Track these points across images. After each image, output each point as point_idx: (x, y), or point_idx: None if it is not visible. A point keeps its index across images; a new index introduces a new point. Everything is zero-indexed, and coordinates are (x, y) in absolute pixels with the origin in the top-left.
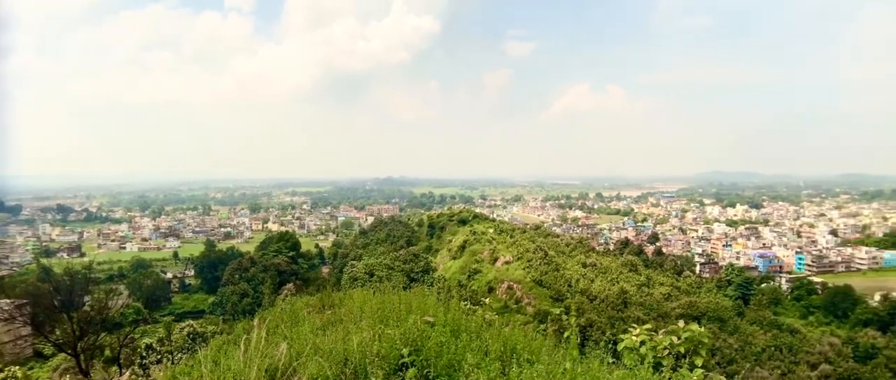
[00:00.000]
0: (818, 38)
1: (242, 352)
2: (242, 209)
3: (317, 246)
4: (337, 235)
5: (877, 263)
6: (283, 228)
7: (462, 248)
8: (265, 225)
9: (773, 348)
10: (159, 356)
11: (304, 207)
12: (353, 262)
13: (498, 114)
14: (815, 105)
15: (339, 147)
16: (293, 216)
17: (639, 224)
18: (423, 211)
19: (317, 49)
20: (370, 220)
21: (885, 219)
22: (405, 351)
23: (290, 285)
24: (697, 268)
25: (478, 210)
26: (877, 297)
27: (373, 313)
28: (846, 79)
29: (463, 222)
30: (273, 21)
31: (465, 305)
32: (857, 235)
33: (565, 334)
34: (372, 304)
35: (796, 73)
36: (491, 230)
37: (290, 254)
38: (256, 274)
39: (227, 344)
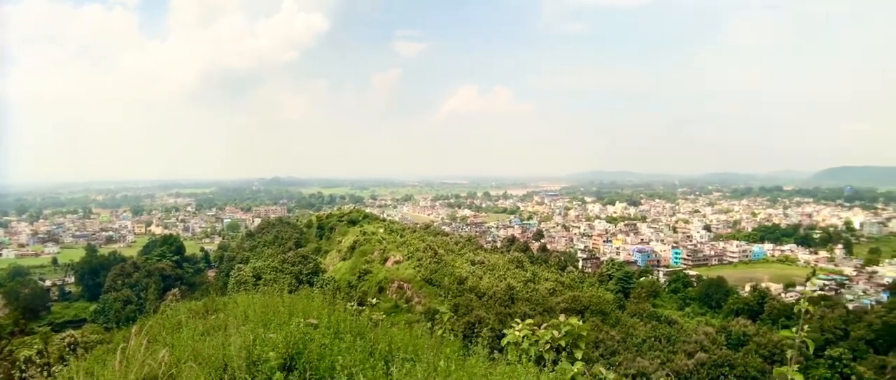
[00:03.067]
0: (692, 45)
1: (119, 361)
2: (125, 212)
3: (202, 249)
4: (223, 238)
5: (746, 256)
6: (167, 231)
7: (352, 249)
8: (148, 228)
9: (652, 339)
10: (39, 369)
11: (189, 208)
12: (240, 265)
13: (388, 114)
14: (688, 108)
15: (225, 147)
16: (177, 219)
17: (525, 222)
18: (311, 212)
19: (204, 46)
20: (257, 221)
21: (754, 215)
22: (286, 354)
23: (175, 291)
24: (580, 263)
25: (368, 210)
26: (747, 288)
27: (256, 317)
28: (716, 84)
29: (353, 223)
30: (159, 16)
31: (352, 306)
32: (729, 230)
33: (438, 332)
34: (256, 307)
35: (671, 77)
36: (381, 230)
37: (175, 258)
38: (140, 280)
39: (106, 353)
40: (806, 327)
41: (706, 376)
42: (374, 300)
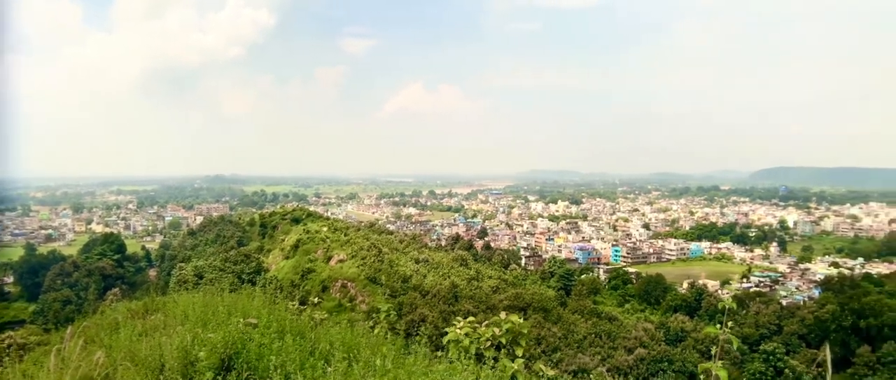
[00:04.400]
0: (637, 47)
1: (53, 363)
2: (65, 209)
3: (143, 248)
4: (164, 236)
5: (684, 253)
6: (107, 230)
7: (295, 247)
8: (89, 226)
9: (593, 335)
10: None
11: (130, 206)
12: (182, 264)
13: (333, 111)
14: (631, 108)
15: (168, 144)
16: (119, 216)
17: (469, 220)
18: (254, 210)
19: (148, 40)
20: (199, 220)
21: (692, 213)
22: (224, 354)
23: (115, 290)
24: (523, 261)
25: (312, 208)
26: (685, 284)
27: (196, 317)
28: (659, 85)
29: (296, 221)
30: (105, 8)
31: (294, 305)
32: (667, 229)
33: (377, 330)
34: (196, 307)
35: (616, 78)
36: (325, 229)
37: (116, 257)
38: (80, 279)
39: (43, 355)
40: (730, 323)
41: (645, 372)
42: (316, 299)
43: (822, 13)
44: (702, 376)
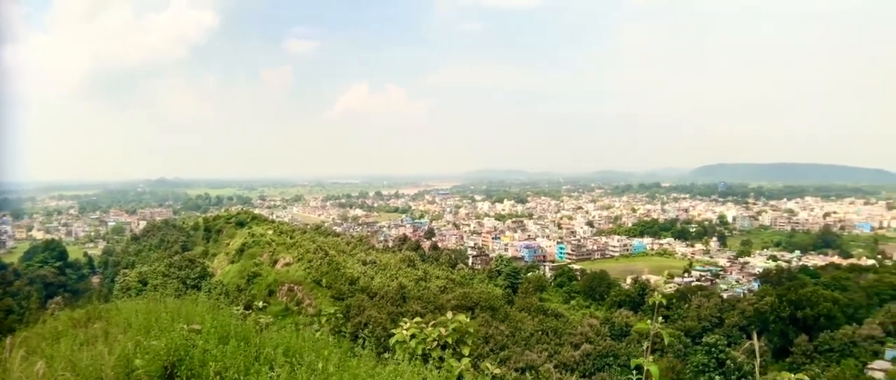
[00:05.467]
0: (580, 47)
1: None
2: (4, 216)
3: (86, 254)
4: (107, 242)
5: (627, 249)
6: (49, 236)
7: (240, 251)
8: (29, 233)
9: (540, 332)
10: None
11: (72, 211)
12: (125, 270)
13: (278, 113)
14: (575, 107)
15: (110, 147)
16: (60, 222)
17: (416, 221)
18: (198, 214)
19: (89, 41)
20: (143, 224)
21: (634, 210)
22: (167, 361)
23: (58, 299)
24: (470, 260)
25: (257, 211)
26: (628, 280)
27: (139, 325)
28: (601, 85)
29: (241, 224)
30: (44, 7)
31: (238, 309)
32: (611, 226)
33: (317, 334)
34: (139, 314)
35: (561, 78)
36: (270, 232)
37: (58, 264)
38: (21, 288)
39: None
40: (660, 318)
41: (592, 367)
42: (262, 304)
43: (761, 15)
44: (634, 372)
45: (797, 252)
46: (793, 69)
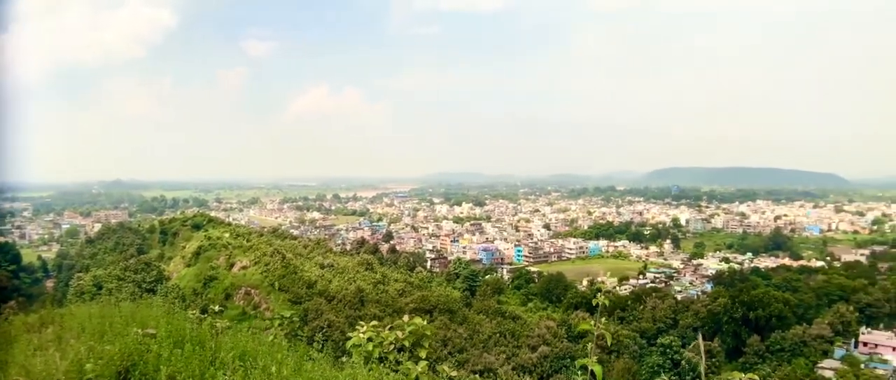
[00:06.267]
0: (538, 52)
1: None
2: None
3: (40, 258)
4: (62, 245)
5: (583, 252)
6: (2, 239)
7: (197, 254)
8: None
9: (498, 335)
10: None
11: (26, 214)
12: (80, 274)
13: (235, 114)
14: (532, 111)
15: (64, 147)
16: (13, 225)
17: (374, 223)
18: (154, 216)
19: (45, 38)
20: (98, 227)
21: (590, 213)
22: (121, 366)
23: (11, 303)
24: (428, 263)
25: (213, 214)
26: (584, 282)
27: (93, 329)
28: (558, 89)
29: (197, 227)
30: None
31: (195, 314)
32: (567, 228)
33: (271, 338)
34: (94, 319)
35: (518, 82)
36: (227, 235)
37: (11, 267)
38: None
39: None
40: (603, 319)
41: (549, 369)
42: (218, 307)
43: (715, 21)
44: (580, 372)
45: (749, 254)
46: (745, 75)
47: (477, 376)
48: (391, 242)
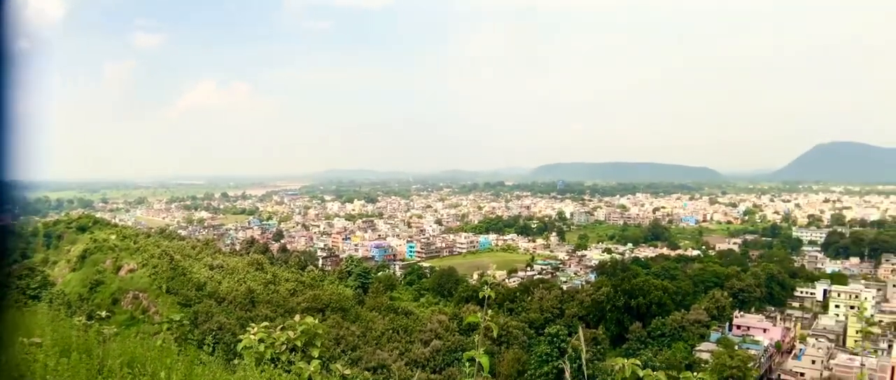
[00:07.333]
0: (430, 48)
1: None
2: None
3: None
4: None
5: (474, 246)
6: None
7: (82, 258)
8: None
9: (391, 331)
10: None
11: None
12: None
13: (121, 110)
14: (424, 107)
15: None
16: None
17: (264, 222)
18: (38, 218)
19: None
20: None
21: (480, 208)
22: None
23: None
24: (320, 262)
25: (100, 215)
26: (475, 275)
27: None
28: (448, 86)
29: (83, 229)
30: None
31: (81, 320)
32: (458, 223)
33: (158, 342)
34: None
35: (410, 78)
36: (113, 237)
37: None
38: None
39: None
40: (490, 311)
41: (441, 362)
42: (105, 313)
43: (597, 21)
44: (467, 364)
45: (630, 245)
46: (625, 72)
47: (370, 373)
48: (282, 241)
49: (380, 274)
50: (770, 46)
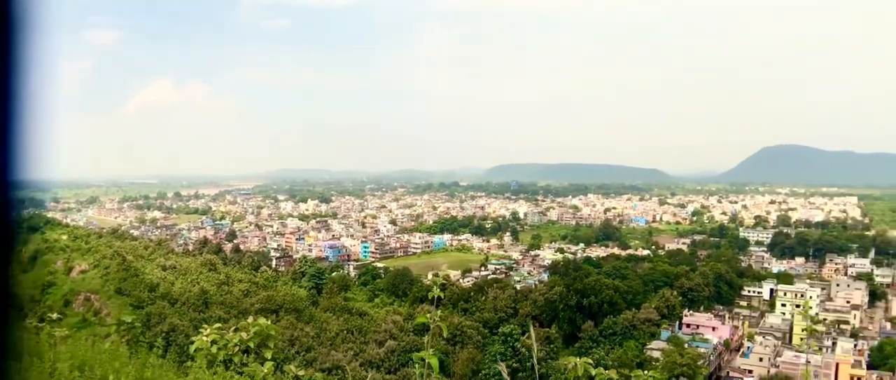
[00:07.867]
0: (379, 49)
1: None
2: None
3: None
4: None
5: (428, 246)
6: None
7: (33, 259)
8: None
9: (345, 332)
10: None
11: None
12: None
13: (73, 107)
14: (378, 107)
15: None
16: None
17: (217, 222)
18: None
19: None
20: None
21: (435, 208)
22: None
23: None
24: (274, 262)
25: (49, 215)
26: (430, 275)
27: None
28: (402, 86)
29: (33, 230)
30: None
31: (32, 323)
32: (413, 223)
33: (107, 345)
34: None
35: (365, 78)
36: (65, 237)
37: None
38: None
39: None
40: (439, 311)
41: (396, 363)
42: (56, 315)
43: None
44: (418, 365)
45: (582, 244)
46: (579, 74)
47: (324, 374)
48: (235, 241)
49: (334, 274)
50: (716, 49)
